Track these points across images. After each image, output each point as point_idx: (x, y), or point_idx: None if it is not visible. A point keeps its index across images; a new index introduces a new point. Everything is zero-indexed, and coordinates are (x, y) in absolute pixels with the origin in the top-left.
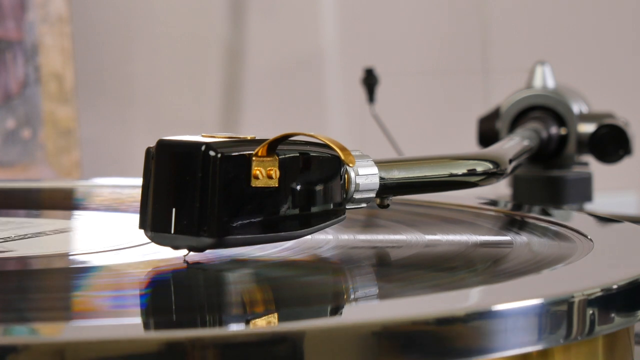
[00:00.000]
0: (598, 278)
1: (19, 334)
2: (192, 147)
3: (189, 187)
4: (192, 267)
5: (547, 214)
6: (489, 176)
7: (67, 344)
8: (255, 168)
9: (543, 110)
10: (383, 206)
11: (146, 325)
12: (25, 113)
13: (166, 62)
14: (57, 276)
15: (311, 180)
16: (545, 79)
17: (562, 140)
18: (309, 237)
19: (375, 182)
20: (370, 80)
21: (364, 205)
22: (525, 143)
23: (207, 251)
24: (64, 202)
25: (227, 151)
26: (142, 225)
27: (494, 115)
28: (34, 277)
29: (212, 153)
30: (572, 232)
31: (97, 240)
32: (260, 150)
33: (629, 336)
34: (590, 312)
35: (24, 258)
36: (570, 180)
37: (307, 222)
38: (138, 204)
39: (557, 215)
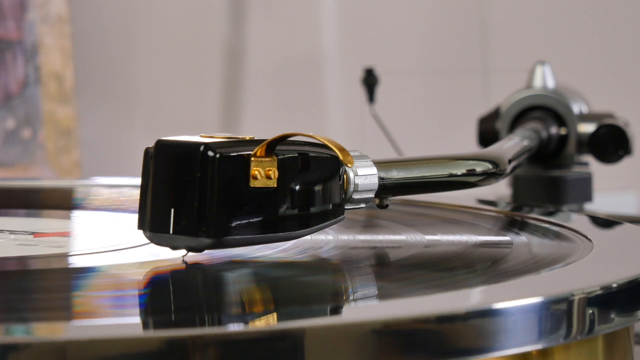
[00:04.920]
0: (598, 277)
1: (20, 333)
2: (191, 148)
3: (188, 188)
4: (191, 268)
5: (546, 214)
6: (488, 176)
7: (68, 342)
8: (254, 168)
9: (543, 110)
10: (382, 206)
11: (145, 325)
12: (25, 113)
13: (166, 62)
14: (57, 276)
15: (310, 180)
16: (545, 79)
17: (562, 140)
18: (308, 237)
19: (374, 182)
20: (370, 80)
21: (363, 205)
22: (525, 143)
23: (206, 251)
24: (64, 202)
25: (225, 151)
26: (141, 225)
27: (494, 115)
28: (34, 277)
29: (210, 153)
30: (572, 232)
31: (96, 240)
32: (259, 150)
33: (629, 336)
34: (590, 311)
35: (24, 258)
36: (570, 180)
37: (306, 222)
38: (137, 204)
39: (557, 215)
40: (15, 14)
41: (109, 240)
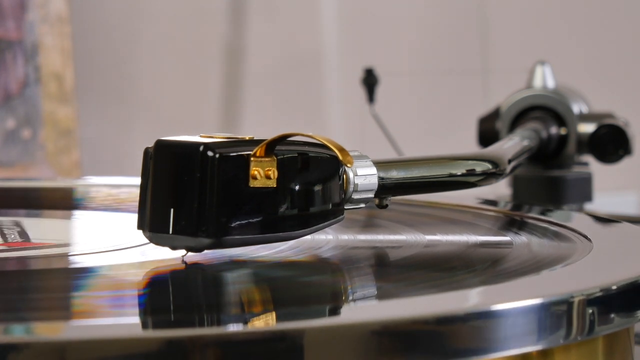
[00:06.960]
0: (597, 278)
1: (19, 333)
2: (190, 148)
3: (187, 188)
4: (190, 268)
5: (546, 214)
6: (488, 176)
7: (67, 342)
8: (254, 168)
9: (543, 110)
10: (382, 206)
11: (144, 325)
12: (25, 113)
13: (166, 62)
14: (57, 276)
15: (310, 180)
16: (545, 79)
17: (562, 140)
18: (308, 237)
19: (373, 182)
20: (370, 80)
21: (362, 205)
22: (525, 143)
23: (206, 251)
24: (64, 201)
25: (225, 151)
26: (141, 225)
27: (494, 115)
28: (34, 277)
29: (210, 153)
30: (571, 232)
31: (96, 240)
32: (259, 150)
33: (629, 336)
34: (590, 312)
35: (24, 258)
36: (570, 180)
37: (306, 222)
38: (137, 204)
39: (557, 215)
40: (15, 14)
41: (109, 240)
